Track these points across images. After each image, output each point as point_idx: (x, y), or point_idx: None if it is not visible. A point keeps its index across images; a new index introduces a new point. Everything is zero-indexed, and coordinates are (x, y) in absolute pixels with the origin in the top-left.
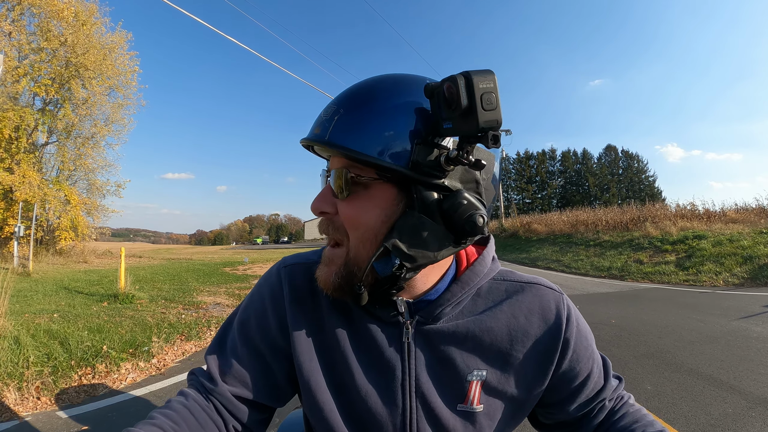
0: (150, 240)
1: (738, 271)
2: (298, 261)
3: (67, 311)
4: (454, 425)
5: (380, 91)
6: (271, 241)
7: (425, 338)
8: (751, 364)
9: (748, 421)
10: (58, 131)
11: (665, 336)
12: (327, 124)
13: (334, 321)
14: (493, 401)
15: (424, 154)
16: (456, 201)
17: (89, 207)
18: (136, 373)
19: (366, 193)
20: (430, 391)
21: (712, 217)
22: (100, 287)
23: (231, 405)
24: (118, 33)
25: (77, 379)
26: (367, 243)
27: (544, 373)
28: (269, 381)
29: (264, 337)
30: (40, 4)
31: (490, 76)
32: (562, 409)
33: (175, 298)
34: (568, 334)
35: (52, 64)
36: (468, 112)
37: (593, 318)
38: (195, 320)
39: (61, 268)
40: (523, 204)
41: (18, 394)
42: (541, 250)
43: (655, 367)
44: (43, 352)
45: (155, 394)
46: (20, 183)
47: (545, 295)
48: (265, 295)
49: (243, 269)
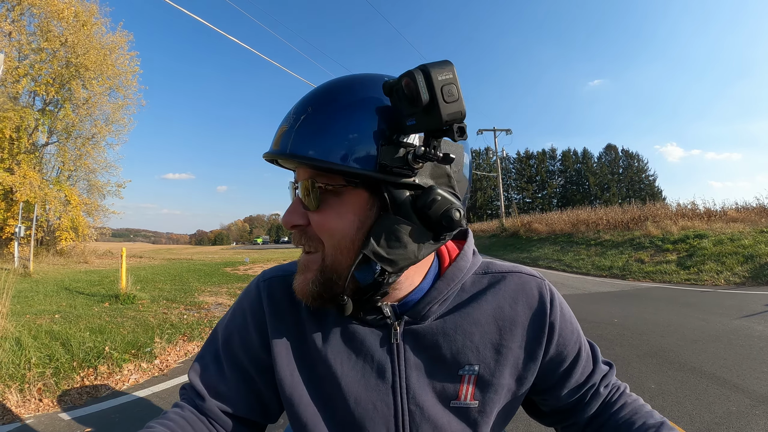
0: (150, 240)
1: (739, 270)
2: (276, 274)
3: (69, 312)
4: (449, 422)
5: (337, 94)
6: (272, 241)
7: (414, 338)
8: (754, 363)
9: (752, 419)
10: (58, 131)
11: (668, 335)
12: (287, 136)
13: (316, 331)
14: (488, 396)
15: (390, 154)
16: (429, 198)
17: (89, 207)
18: (139, 374)
19: (337, 200)
20: (422, 390)
21: (713, 216)
22: (101, 288)
23: (221, 421)
24: (118, 33)
25: (79, 381)
26: (344, 251)
27: (534, 359)
28: (255, 397)
29: (247, 353)
30: (40, 5)
31: (448, 67)
32: (554, 395)
33: (177, 298)
34: (553, 317)
35: (52, 65)
36: (430, 107)
37: (595, 317)
38: (197, 320)
39: (61, 269)
40: (524, 203)
41: (20, 395)
42: (542, 250)
43: (659, 366)
44: (45, 354)
45: (158, 395)
46: (21, 184)
47: (527, 281)
48: (246, 310)
49: (244, 269)
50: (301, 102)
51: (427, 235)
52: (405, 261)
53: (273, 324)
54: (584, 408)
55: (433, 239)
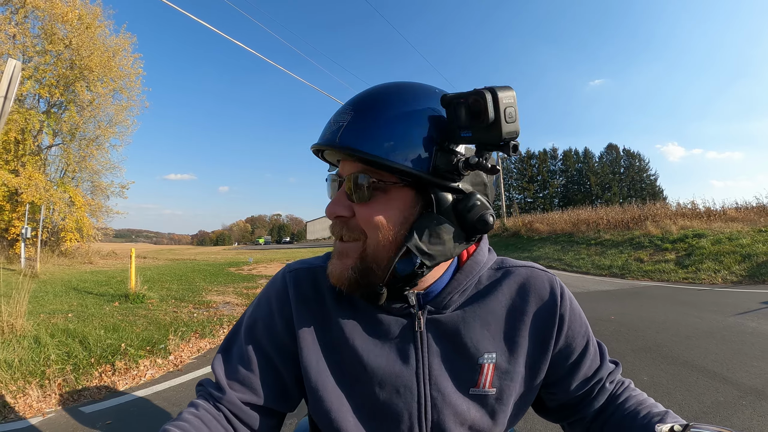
0: (152, 240)
1: (736, 269)
2: (302, 266)
3: (81, 311)
4: (468, 409)
5: (394, 98)
6: (274, 242)
7: (436, 326)
8: (745, 357)
9: (739, 408)
10: (62, 133)
11: (662, 331)
12: (345, 130)
13: (343, 319)
14: (505, 383)
15: (443, 159)
16: (470, 203)
17: (93, 208)
18: (155, 370)
19: (384, 196)
20: (443, 377)
21: (713, 215)
22: (109, 287)
23: (240, 412)
24: (122, 35)
25: (97, 376)
26: (386, 243)
27: (545, 350)
28: (278, 385)
29: (272, 340)
30: (44, 8)
31: (510, 92)
32: (562, 388)
33: (185, 297)
34: (563, 309)
35: (57, 67)
36: (493, 124)
37: (593, 314)
38: (207, 318)
39: (67, 269)
40: (525, 203)
41: (41, 391)
42: (542, 249)
43: (652, 360)
44: (63, 351)
45: (174, 389)
46: (27, 185)
47: (539, 276)
48: (272, 298)
49: (248, 269)
50: (357, 100)
51: (462, 235)
52: (441, 257)
53: (299, 312)
54: (591, 402)
55: (465, 239)
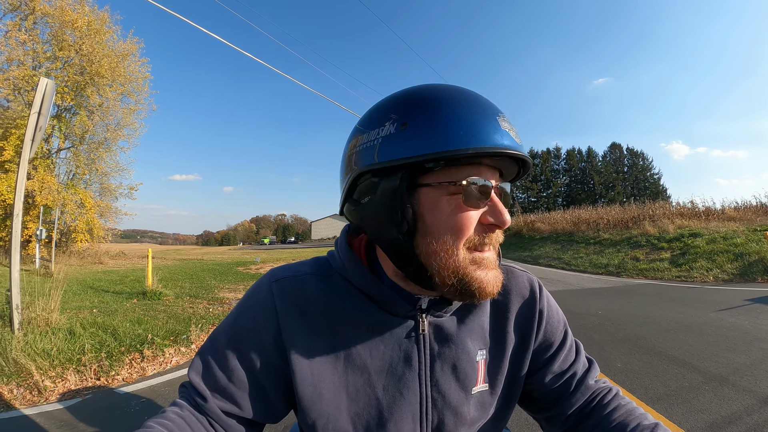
0: (157, 241)
1: (729, 267)
2: (288, 274)
3: (104, 307)
4: (468, 409)
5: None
6: (278, 242)
7: (438, 329)
8: (717, 349)
9: (700, 392)
10: (73, 136)
11: (644, 325)
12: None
13: (343, 325)
14: (495, 378)
15: None
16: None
17: (103, 209)
18: (179, 357)
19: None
20: (444, 378)
21: (712, 215)
22: (124, 286)
23: (222, 421)
24: (129, 40)
25: (128, 363)
26: None
27: (527, 344)
28: (262, 399)
29: (257, 355)
30: (54, 14)
31: None
32: (538, 378)
33: (199, 294)
34: (542, 305)
35: (67, 72)
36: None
37: (581, 310)
38: (222, 313)
39: (79, 269)
40: (529, 203)
41: (77, 376)
42: (543, 249)
43: (628, 350)
44: (96, 341)
45: None
46: (40, 188)
47: (519, 276)
48: (257, 310)
49: (256, 268)
50: (495, 105)
51: None
52: None
53: (289, 324)
54: (569, 397)
55: None
